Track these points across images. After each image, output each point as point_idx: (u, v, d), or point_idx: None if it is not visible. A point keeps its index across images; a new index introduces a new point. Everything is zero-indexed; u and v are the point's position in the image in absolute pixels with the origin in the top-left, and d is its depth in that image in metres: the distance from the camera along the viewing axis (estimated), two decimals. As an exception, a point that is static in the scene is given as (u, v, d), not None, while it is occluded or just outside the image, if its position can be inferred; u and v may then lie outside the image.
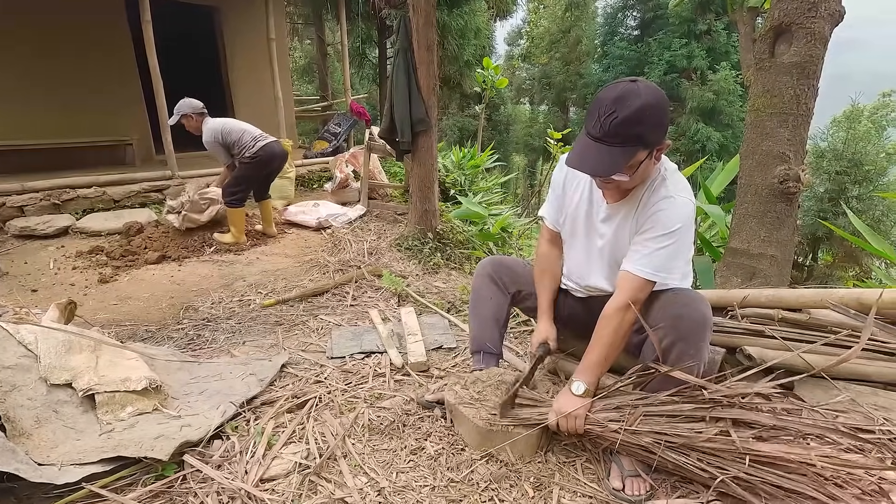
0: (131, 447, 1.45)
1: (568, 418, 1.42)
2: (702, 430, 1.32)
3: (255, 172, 3.96)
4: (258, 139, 3.89)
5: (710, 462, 1.29)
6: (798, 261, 11.68)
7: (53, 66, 5.22)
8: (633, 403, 1.42)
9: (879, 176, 12.15)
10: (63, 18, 5.19)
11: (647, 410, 1.40)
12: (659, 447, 1.33)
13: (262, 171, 4.01)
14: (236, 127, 3.88)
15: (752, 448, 1.25)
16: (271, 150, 3.93)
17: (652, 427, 1.36)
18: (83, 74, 5.39)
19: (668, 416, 1.38)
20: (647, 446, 1.35)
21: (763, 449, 1.25)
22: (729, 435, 1.29)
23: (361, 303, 2.94)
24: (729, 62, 15.26)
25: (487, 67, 8.27)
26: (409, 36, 3.69)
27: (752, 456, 1.25)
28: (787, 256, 2.46)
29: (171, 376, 1.95)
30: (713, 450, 1.29)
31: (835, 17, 2.23)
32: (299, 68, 15.92)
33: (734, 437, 1.27)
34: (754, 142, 2.43)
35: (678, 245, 1.39)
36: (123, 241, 3.97)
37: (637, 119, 1.25)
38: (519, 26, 22.18)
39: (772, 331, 1.75)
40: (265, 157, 3.90)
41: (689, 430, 1.33)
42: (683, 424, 1.35)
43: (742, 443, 1.26)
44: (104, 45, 5.53)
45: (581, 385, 1.43)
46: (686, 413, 1.36)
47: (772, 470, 1.24)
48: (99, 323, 2.61)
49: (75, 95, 5.37)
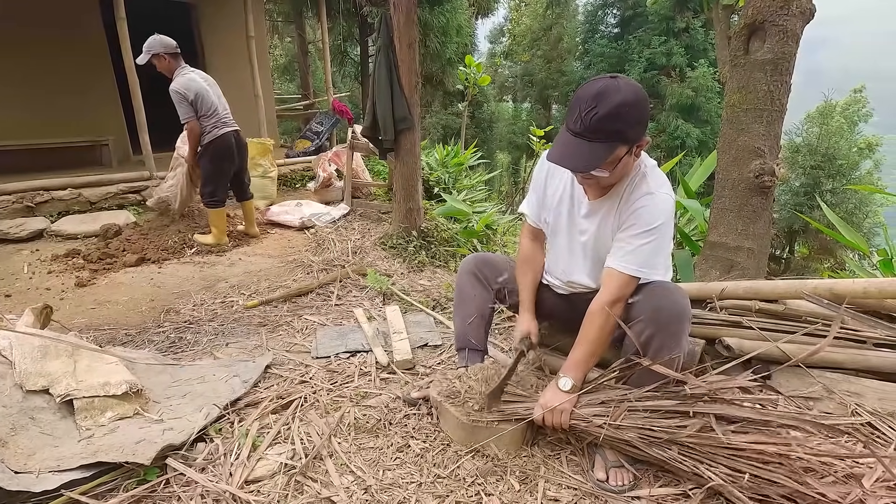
0: (112, 452, 1.42)
1: (554, 413, 1.44)
2: (684, 424, 1.35)
3: (216, 165, 3.77)
4: (217, 126, 3.69)
5: (692, 455, 1.32)
6: (776, 254, 11.98)
7: (25, 65, 5.07)
8: (618, 399, 1.45)
9: (852, 170, 12.50)
10: (35, 17, 5.05)
11: (630, 406, 1.42)
12: (643, 442, 1.35)
13: (223, 164, 3.81)
14: (208, 101, 3.62)
15: (732, 443, 1.28)
16: (226, 143, 3.74)
17: (635, 422, 1.39)
18: (56, 73, 5.25)
19: (652, 412, 1.40)
20: (631, 441, 1.37)
21: (742, 442, 1.28)
22: (711, 430, 1.31)
23: (346, 302, 2.92)
24: (707, 59, 15.53)
25: (470, 65, 8.29)
26: (390, 33, 3.67)
27: (731, 450, 1.28)
28: (763, 249, 2.52)
29: (153, 380, 1.92)
30: (695, 444, 1.32)
31: (806, 14, 2.29)
32: (280, 66, 15.74)
33: (717, 432, 1.29)
34: (730, 137, 2.48)
35: (660, 240, 1.41)
36: (101, 244, 3.88)
37: (617, 115, 1.26)
38: (501, 24, 22.23)
39: (749, 321, 1.80)
40: (221, 149, 3.73)
41: (671, 426, 1.35)
42: (666, 420, 1.37)
43: (723, 437, 1.29)
44: (77, 42, 5.40)
45: (568, 381, 1.45)
46: (668, 409, 1.39)
47: (751, 462, 1.27)
48: (76, 327, 2.56)
49: (48, 95, 5.24)
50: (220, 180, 3.86)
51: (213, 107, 3.67)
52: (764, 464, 1.25)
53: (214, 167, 3.79)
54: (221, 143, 3.73)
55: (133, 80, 4.66)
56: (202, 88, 3.61)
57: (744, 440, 1.28)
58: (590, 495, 1.40)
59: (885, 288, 1.73)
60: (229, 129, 3.77)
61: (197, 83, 3.60)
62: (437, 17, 10.17)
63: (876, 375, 1.67)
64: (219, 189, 3.84)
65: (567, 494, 1.41)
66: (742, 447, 1.27)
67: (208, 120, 3.66)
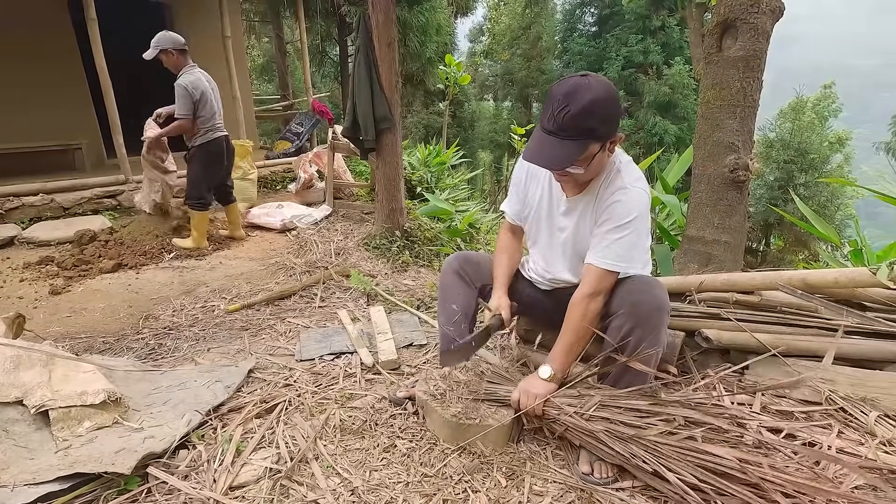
0: (90, 463, 1.39)
1: (528, 397, 1.47)
2: (652, 424, 1.37)
3: (207, 168, 3.79)
4: (213, 129, 3.72)
5: (655, 455, 1.32)
6: (752, 247, 12.26)
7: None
8: (593, 393, 1.47)
9: (823, 163, 12.86)
10: (1, 18, 4.90)
11: (603, 401, 1.44)
12: (609, 437, 1.37)
13: (214, 167, 3.84)
14: (210, 104, 3.67)
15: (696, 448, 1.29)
16: (219, 147, 3.79)
17: (606, 416, 1.41)
18: (25, 75, 5.09)
19: (625, 409, 1.42)
20: (597, 434, 1.39)
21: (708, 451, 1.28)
22: (676, 433, 1.33)
23: (330, 304, 2.90)
24: (682, 57, 15.80)
25: (450, 64, 8.29)
26: (369, 33, 3.65)
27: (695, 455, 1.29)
28: (739, 242, 2.58)
29: (132, 387, 1.88)
30: (659, 445, 1.33)
31: (776, 12, 2.34)
32: (258, 67, 15.52)
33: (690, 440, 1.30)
34: (706, 133, 2.53)
35: (636, 234, 1.44)
36: (75, 251, 3.79)
37: (588, 112, 1.28)
38: (480, 23, 22.28)
39: (727, 313, 1.84)
40: (214, 153, 3.77)
41: (638, 424, 1.37)
42: (638, 419, 1.39)
43: (688, 442, 1.30)
44: (47, 44, 5.24)
45: (547, 369, 1.48)
46: (640, 408, 1.41)
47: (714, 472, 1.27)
48: (51, 336, 2.49)
49: (17, 98, 5.07)
50: (208, 184, 3.86)
51: (213, 110, 3.71)
52: (726, 477, 1.24)
53: (205, 170, 3.81)
54: (215, 146, 3.77)
55: (105, 82, 4.56)
56: (207, 90, 3.64)
57: (709, 449, 1.28)
58: (575, 489, 1.41)
59: (854, 277, 1.78)
60: (222, 134, 3.80)
61: (203, 84, 3.63)
62: (417, 17, 10.14)
63: (848, 362, 1.72)
64: (206, 192, 3.84)
65: (553, 488, 1.42)
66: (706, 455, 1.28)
67: (206, 122, 3.69)
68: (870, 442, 1.45)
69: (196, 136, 3.71)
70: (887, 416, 1.54)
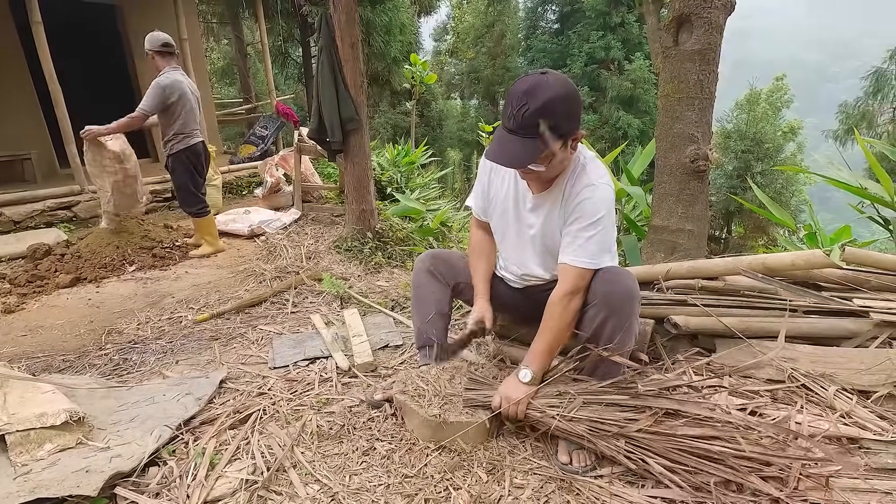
0: (53, 487, 1.32)
1: (510, 403, 1.47)
2: (635, 419, 1.40)
3: (192, 173, 3.73)
4: (192, 135, 3.65)
5: (639, 448, 1.36)
6: (715, 234, 12.65)
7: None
8: (574, 392, 1.49)
9: (778, 152, 13.42)
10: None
11: (585, 399, 1.47)
12: (594, 435, 1.40)
13: (196, 172, 3.78)
14: (189, 108, 3.57)
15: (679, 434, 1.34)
16: (199, 152, 3.73)
17: (588, 415, 1.43)
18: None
19: (606, 405, 1.45)
20: (582, 434, 1.41)
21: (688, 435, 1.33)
22: (659, 425, 1.37)
23: (303, 309, 2.85)
24: (642, 52, 16.22)
25: (415, 63, 8.26)
26: (331, 33, 3.60)
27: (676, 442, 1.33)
28: (702, 230, 2.66)
29: (96, 405, 1.80)
30: (642, 438, 1.36)
31: (727, 7, 2.42)
32: (218, 70, 15.10)
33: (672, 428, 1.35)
34: (666, 125, 2.60)
35: (605, 230, 1.47)
36: (29, 266, 3.60)
37: (548, 110, 1.29)
38: (444, 22, 22.32)
39: (694, 299, 1.90)
40: (194, 158, 3.71)
41: (621, 419, 1.40)
42: (618, 414, 1.42)
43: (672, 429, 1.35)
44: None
45: (528, 373, 1.48)
46: (621, 403, 1.45)
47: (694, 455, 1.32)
48: (5, 357, 2.36)
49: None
50: (199, 188, 3.83)
51: (193, 115, 3.62)
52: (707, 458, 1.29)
53: (192, 175, 3.75)
54: (194, 152, 3.69)
55: (55, 89, 4.36)
56: (187, 93, 3.55)
57: (689, 433, 1.33)
58: (555, 479, 1.43)
59: (810, 259, 1.87)
60: (200, 140, 3.73)
61: (183, 87, 3.53)
62: (380, 16, 10.07)
63: (808, 340, 1.80)
64: (201, 196, 3.84)
65: (533, 480, 1.43)
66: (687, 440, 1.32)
67: (185, 128, 3.59)
68: (830, 415, 1.52)
69: (174, 143, 3.61)
70: (844, 389, 1.62)
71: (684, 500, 1.27)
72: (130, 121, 3.45)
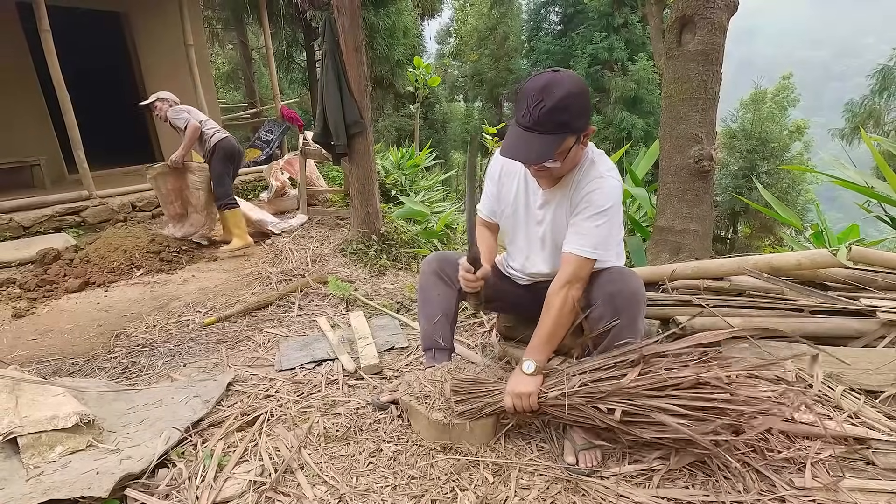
0: (65, 488, 1.34)
1: (521, 398, 1.47)
2: (625, 373, 1.41)
3: (225, 165, 4.04)
4: (217, 130, 4.06)
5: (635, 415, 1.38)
6: (721, 234, 12.58)
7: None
8: (571, 372, 1.49)
9: (784, 151, 13.34)
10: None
11: (580, 370, 1.48)
12: (589, 400, 1.40)
13: (231, 164, 4.09)
14: (198, 114, 4.03)
15: (671, 377, 1.37)
16: (232, 144, 4.06)
17: (586, 386, 1.44)
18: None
19: (601, 370, 1.46)
20: (576, 405, 1.41)
21: (678, 375, 1.37)
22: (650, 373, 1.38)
23: (308, 312, 2.87)
24: (646, 53, 16.20)
25: (419, 66, 8.28)
26: (335, 37, 3.63)
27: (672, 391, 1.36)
28: (707, 230, 2.66)
29: (106, 408, 1.82)
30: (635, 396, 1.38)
31: (731, 7, 2.43)
32: (223, 75, 15.21)
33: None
34: (670, 126, 2.60)
35: (612, 222, 1.47)
36: (39, 271, 3.64)
37: (563, 107, 1.31)
38: (447, 24, 22.39)
39: (699, 300, 1.89)
40: (229, 150, 4.02)
41: (615, 376, 1.41)
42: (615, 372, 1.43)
43: (659, 371, 1.38)
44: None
45: (531, 364, 1.48)
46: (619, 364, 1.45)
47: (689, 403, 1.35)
48: (16, 361, 2.39)
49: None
50: (229, 180, 4.10)
51: (205, 118, 4.06)
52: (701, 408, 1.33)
53: (225, 165, 4.03)
54: (228, 143, 4.03)
55: (63, 96, 4.41)
56: (191, 109, 4.03)
57: (679, 374, 1.37)
58: (561, 480, 1.43)
59: (816, 259, 1.86)
60: (228, 135, 4.10)
61: (185, 107, 4.02)
62: (383, 19, 10.13)
63: (814, 340, 1.79)
64: (230, 189, 4.09)
65: (539, 481, 1.44)
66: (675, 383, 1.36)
67: (204, 125, 3.98)
68: (838, 416, 1.51)
69: (207, 139, 3.99)
70: (852, 389, 1.61)
71: (692, 499, 1.27)
72: (191, 137, 3.89)
